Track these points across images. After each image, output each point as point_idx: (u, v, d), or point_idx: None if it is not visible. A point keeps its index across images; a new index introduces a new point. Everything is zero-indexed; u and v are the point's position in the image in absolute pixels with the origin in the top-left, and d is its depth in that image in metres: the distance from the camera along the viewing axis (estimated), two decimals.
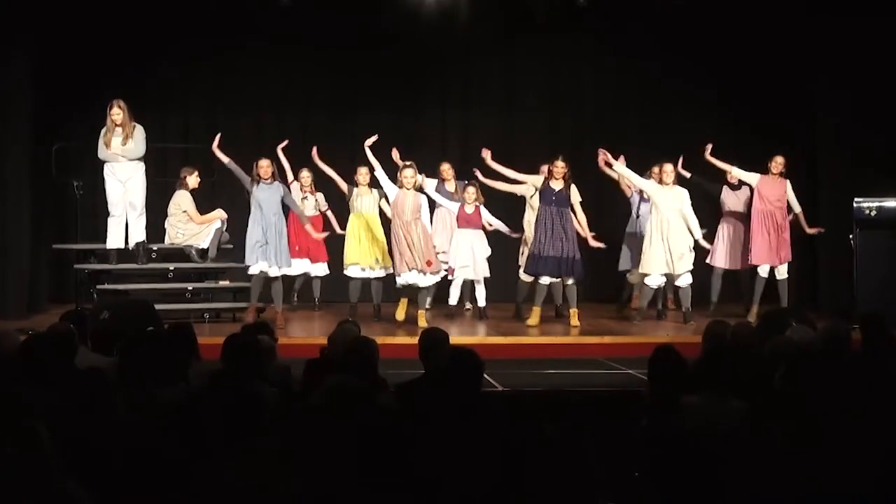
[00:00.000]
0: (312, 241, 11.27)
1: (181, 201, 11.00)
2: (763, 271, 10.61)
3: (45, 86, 11.53)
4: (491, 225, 10.93)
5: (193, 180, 11.15)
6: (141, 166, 10.43)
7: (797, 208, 10.63)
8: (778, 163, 10.56)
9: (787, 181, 10.61)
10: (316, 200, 11.51)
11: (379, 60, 12.89)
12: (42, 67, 11.41)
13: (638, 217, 11.03)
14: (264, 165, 10.20)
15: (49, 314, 10.55)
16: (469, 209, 10.60)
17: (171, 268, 10.84)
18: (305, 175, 11.36)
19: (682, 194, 10.48)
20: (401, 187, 10.21)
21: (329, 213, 11.62)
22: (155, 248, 10.86)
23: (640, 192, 10.89)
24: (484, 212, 10.79)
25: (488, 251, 10.85)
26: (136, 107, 10.46)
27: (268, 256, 10.13)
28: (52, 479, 2.74)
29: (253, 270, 10.21)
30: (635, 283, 11.08)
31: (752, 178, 10.68)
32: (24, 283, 11.20)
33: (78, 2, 11.36)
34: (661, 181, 10.54)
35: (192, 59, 12.92)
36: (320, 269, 11.72)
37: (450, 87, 13.47)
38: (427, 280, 10.33)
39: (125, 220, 10.47)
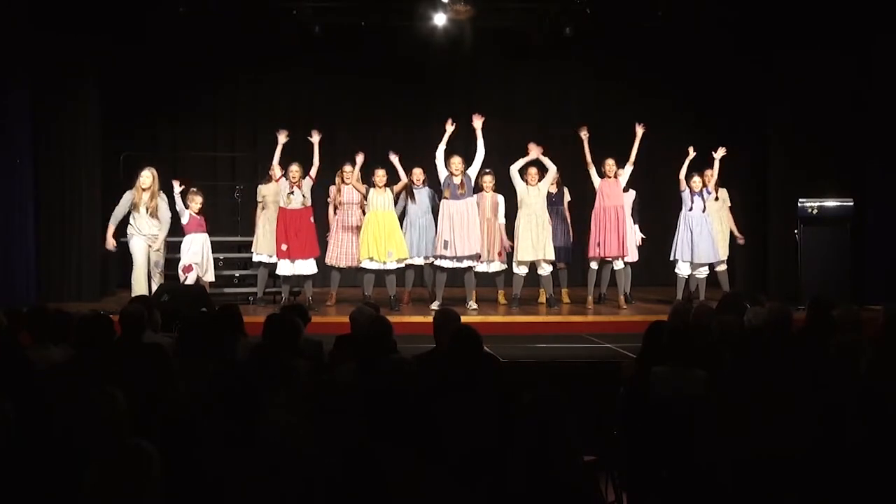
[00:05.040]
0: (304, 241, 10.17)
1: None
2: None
3: (112, 103, 11.56)
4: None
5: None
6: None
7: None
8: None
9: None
10: (304, 196, 10.12)
11: (395, 82, 12.92)
12: (109, 88, 11.45)
13: (691, 210, 10.30)
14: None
15: (117, 297, 10.60)
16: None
17: (222, 257, 10.83)
18: (295, 169, 10.07)
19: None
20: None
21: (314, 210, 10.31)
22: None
23: (691, 187, 10.28)
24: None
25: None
26: (188, 121, 10.22)
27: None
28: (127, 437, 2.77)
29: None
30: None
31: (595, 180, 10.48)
32: (96, 270, 11.24)
33: (138, 32, 11.35)
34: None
35: (238, 80, 12.96)
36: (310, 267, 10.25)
37: (457, 105, 13.38)
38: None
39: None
